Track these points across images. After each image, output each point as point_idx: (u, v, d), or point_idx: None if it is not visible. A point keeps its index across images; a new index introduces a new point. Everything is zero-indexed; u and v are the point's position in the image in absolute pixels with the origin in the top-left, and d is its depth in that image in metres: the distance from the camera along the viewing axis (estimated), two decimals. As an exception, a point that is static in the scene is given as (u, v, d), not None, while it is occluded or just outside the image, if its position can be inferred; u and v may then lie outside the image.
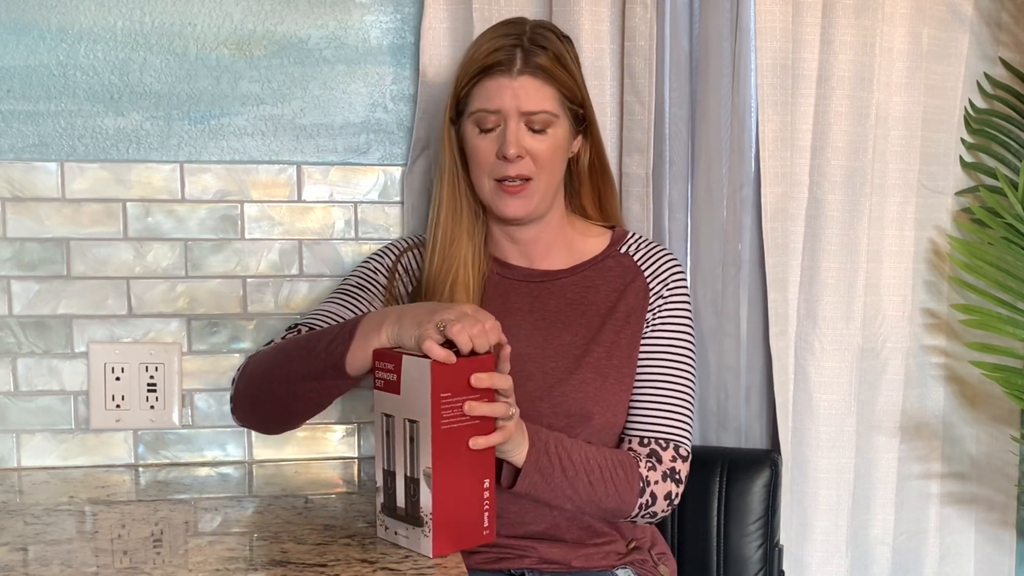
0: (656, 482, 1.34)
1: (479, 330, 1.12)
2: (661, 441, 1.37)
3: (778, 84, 1.62)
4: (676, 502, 1.38)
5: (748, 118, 1.64)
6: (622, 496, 1.32)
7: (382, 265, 1.48)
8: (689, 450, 1.39)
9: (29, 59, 1.57)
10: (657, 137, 1.64)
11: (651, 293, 1.42)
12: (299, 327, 1.40)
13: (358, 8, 1.64)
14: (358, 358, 1.19)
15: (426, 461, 1.12)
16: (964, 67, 1.77)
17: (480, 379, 1.12)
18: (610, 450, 1.35)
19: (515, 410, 1.19)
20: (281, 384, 1.29)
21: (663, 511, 1.36)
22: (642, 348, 1.40)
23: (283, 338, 1.39)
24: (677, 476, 1.36)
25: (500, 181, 1.35)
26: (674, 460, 1.36)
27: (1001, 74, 1.81)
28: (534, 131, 1.34)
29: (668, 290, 1.42)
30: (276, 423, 1.40)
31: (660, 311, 1.41)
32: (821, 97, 1.67)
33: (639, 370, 1.40)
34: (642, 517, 1.36)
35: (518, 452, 1.24)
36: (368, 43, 1.65)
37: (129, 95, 1.60)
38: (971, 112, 1.79)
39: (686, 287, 1.45)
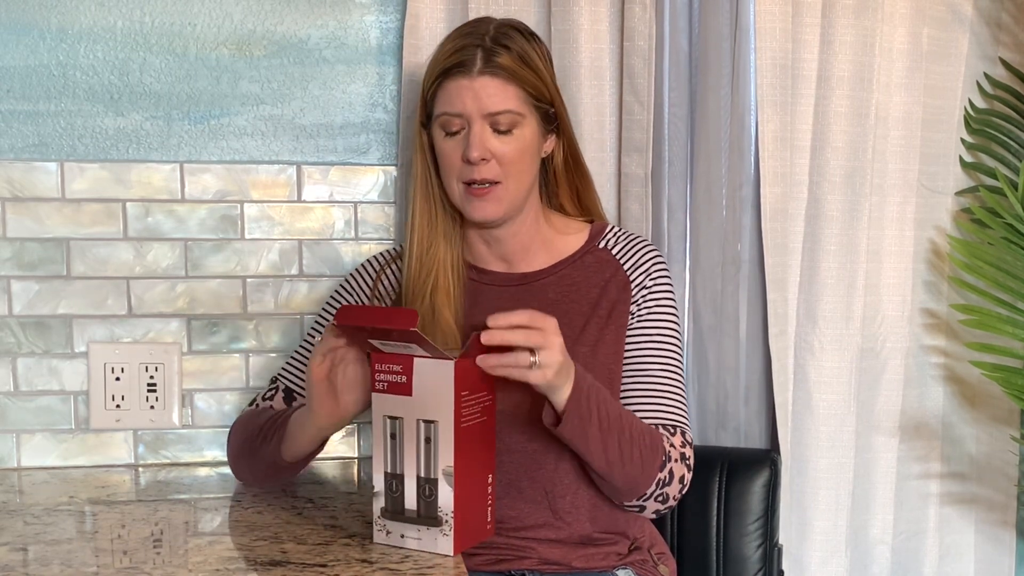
0: (676, 460, 1.32)
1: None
2: (669, 427, 1.35)
3: (778, 84, 1.62)
4: (686, 489, 1.35)
5: (748, 118, 1.64)
6: (645, 464, 1.29)
7: (360, 290, 1.47)
8: (692, 438, 1.38)
9: (29, 59, 1.57)
10: (656, 137, 1.64)
11: (632, 285, 1.40)
12: (278, 376, 1.49)
13: (358, 8, 1.65)
14: (289, 452, 1.34)
15: (447, 460, 1.12)
16: (964, 67, 1.77)
17: (496, 319, 1.13)
18: (639, 419, 1.32)
19: (536, 358, 1.15)
20: (249, 469, 1.45)
21: (674, 497, 1.34)
22: (629, 338, 1.39)
23: (255, 403, 1.49)
24: (688, 461, 1.35)
25: (468, 184, 1.33)
26: (683, 445, 1.34)
27: (1001, 74, 1.81)
28: (499, 132, 1.31)
29: (651, 280, 1.40)
30: (267, 485, 1.49)
31: (645, 301, 1.40)
32: (821, 97, 1.67)
33: (629, 361, 1.38)
34: (655, 499, 1.32)
35: (562, 391, 1.20)
36: (368, 43, 1.65)
37: (129, 95, 1.60)
38: (971, 112, 1.79)
39: (668, 277, 1.42)
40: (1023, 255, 1.68)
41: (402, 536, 1.16)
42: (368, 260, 1.50)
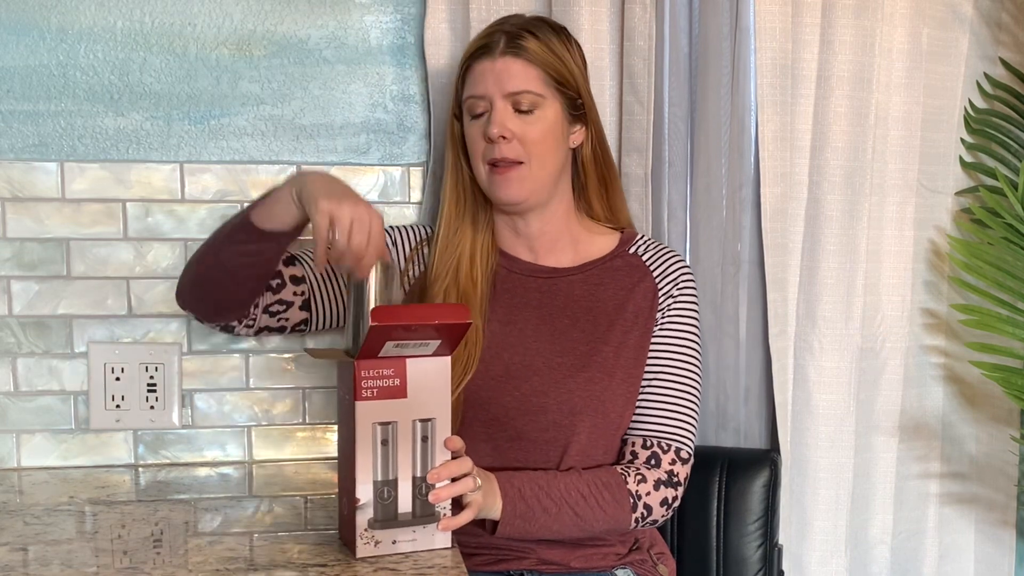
0: (648, 493, 1.35)
1: (361, 240, 1.15)
2: (663, 443, 1.37)
3: (778, 84, 1.62)
4: (676, 505, 1.38)
5: (748, 118, 1.64)
6: (613, 517, 1.32)
7: (405, 239, 1.49)
8: (691, 452, 1.39)
9: (29, 59, 1.57)
10: (656, 137, 1.64)
11: (660, 293, 1.42)
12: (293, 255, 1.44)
13: (358, 8, 1.64)
14: (266, 212, 1.26)
15: (445, 454, 1.15)
16: (964, 67, 1.77)
17: (438, 473, 1.14)
18: (594, 472, 1.35)
19: (479, 482, 1.20)
20: (209, 254, 1.34)
21: (663, 516, 1.37)
22: (651, 347, 1.40)
23: None
24: (675, 479, 1.37)
25: (493, 165, 1.36)
26: (673, 463, 1.37)
27: (1001, 74, 1.81)
28: (521, 112, 1.35)
29: (678, 290, 1.43)
30: (211, 302, 1.39)
31: (669, 310, 1.41)
32: (821, 97, 1.67)
33: (648, 369, 1.40)
34: (642, 526, 1.37)
35: (493, 510, 1.26)
36: (368, 43, 1.65)
37: (129, 95, 1.60)
38: (971, 112, 1.79)
39: (695, 289, 1.45)
40: (1023, 255, 1.68)
41: (393, 542, 1.14)
42: (417, 225, 1.53)
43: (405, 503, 1.14)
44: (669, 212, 1.66)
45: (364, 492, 1.13)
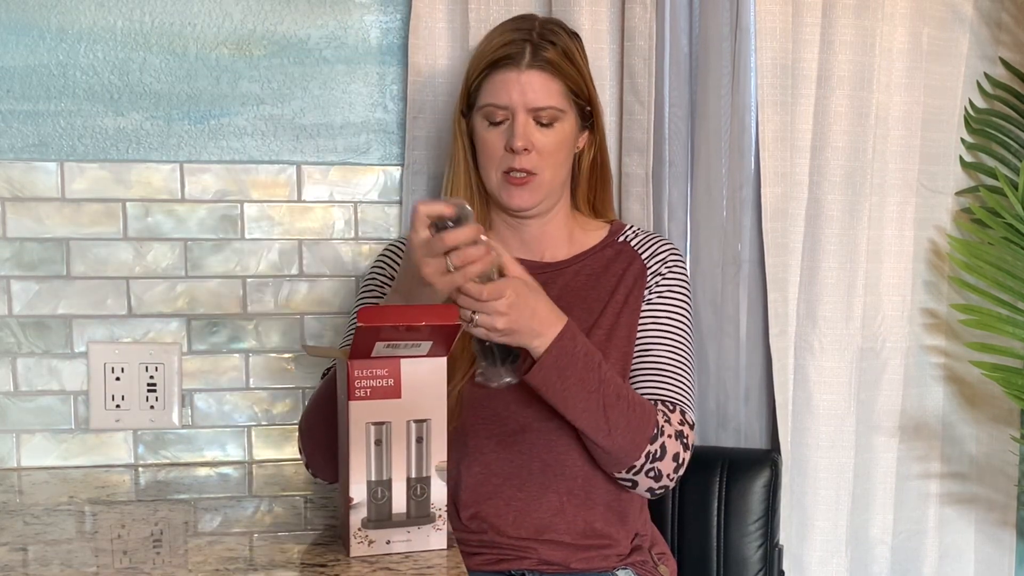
0: (669, 436, 1.32)
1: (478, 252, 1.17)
2: (668, 403, 1.36)
3: (778, 84, 1.62)
4: (682, 470, 1.35)
5: (748, 118, 1.64)
6: (633, 434, 1.29)
7: (395, 264, 1.48)
8: (694, 420, 1.38)
9: (29, 59, 1.57)
10: (657, 137, 1.64)
11: (648, 272, 1.43)
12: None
13: (358, 8, 1.65)
14: None
15: (440, 455, 1.14)
16: (964, 67, 1.77)
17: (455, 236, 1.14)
18: (635, 392, 1.33)
19: (475, 318, 1.19)
20: (322, 418, 1.28)
21: (668, 476, 1.33)
22: (641, 320, 1.40)
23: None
24: (685, 440, 1.35)
25: (507, 173, 1.36)
26: (682, 424, 1.35)
27: (1001, 74, 1.81)
28: (541, 124, 1.36)
29: (666, 267, 1.43)
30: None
31: (657, 286, 1.42)
32: (821, 97, 1.67)
33: (638, 341, 1.40)
34: (646, 473, 1.32)
35: (538, 338, 1.23)
36: (368, 43, 1.65)
37: (129, 95, 1.60)
38: (971, 112, 1.79)
39: (684, 269, 1.45)
40: (1023, 255, 1.68)
41: (388, 542, 1.14)
42: (400, 239, 1.51)
43: (399, 504, 1.14)
44: (669, 212, 1.66)
45: (358, 491, 1.13)
